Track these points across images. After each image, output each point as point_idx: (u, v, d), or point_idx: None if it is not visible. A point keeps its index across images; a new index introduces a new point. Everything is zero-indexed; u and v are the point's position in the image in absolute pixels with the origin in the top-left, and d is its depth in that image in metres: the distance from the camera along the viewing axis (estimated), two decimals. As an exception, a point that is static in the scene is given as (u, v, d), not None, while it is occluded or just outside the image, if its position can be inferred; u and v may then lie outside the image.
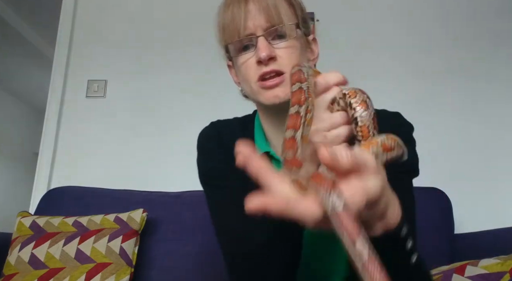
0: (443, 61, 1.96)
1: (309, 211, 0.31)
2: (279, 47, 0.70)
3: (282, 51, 0.70)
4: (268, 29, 0.70)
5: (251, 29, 0.70)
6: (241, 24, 0.70)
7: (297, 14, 0.75)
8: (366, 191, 0.32)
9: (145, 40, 2.12)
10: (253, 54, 0.71)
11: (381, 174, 0.35)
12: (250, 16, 0.70)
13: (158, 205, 1.51)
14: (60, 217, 1.38)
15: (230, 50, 0.74)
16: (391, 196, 0.39)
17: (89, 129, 2.01)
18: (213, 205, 0.77)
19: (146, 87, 2.05)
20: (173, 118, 1.97)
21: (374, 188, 0.33)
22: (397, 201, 0.41)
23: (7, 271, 1.25)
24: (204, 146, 0.82)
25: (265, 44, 0.69)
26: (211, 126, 0.85)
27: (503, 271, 0.90)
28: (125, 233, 1.31)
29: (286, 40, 0.71)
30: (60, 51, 2.12)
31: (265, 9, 0.70)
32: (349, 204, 0.30)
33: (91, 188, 1.62)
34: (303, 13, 0.77)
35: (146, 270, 1.37)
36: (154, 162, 1.91)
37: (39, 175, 1.96)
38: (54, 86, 2.08)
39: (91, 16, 2.18)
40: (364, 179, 0.33)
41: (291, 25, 0.71)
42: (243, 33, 0.71)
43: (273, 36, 0.71)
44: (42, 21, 3.50)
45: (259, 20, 0.70)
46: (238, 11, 0.71)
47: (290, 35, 0.71)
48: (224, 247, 0.73)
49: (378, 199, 0.34)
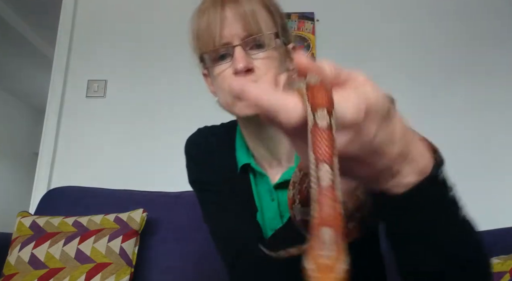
0: (443, 61, 1.97)
1: (293, 108, 0.27)
2: (257, 57, 0.67)
3: (260, 62, 0.66)
4: (246, 38, 0.66)
5: (228, 37, 0.66)
6: (217, 32, 0.66)
7: (276, 22, 0.71)
8: (362, 98, 0.29)
9: (145, 40, 2.12)
10: (229, 64, 0.67)
11: (379, 89, 0.31)
12: (227, 24, 0.66)
13: (158, 205, 1.51)
14: (60, 217, 1.38)
15: (205, 59, 0.70)
16: (411, 133, 0.35)
17: (89, 129, 2.01)
18: (204, 208, 0.78)
19: (146, 87, 2.05)
20: (173, 118, 1.97)
21: (372, 96, 0.29)
22: (424, 142, 0.37)
23: (7, 271, 1.25)
24: (191, 154, 0.82)
25: (242, 55, 0.65)
26: (198, 133, 0.85)
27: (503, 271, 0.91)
28: (125, 233, 1.31)
29: (265, 50, 0.67)
30: (60, 51, 2.12)
31: (243, 16, 0.66)
32: (343, 113, 0.28)
33: (91, 188, 1.62)
34: (283, 21, 0.73)
35: (146, 270, 1.37)
36: (154, 162, 1.91)
37: (39, 175, 1.96)
38: (54, 86, 2.08)
39: (91, 16, 2.18)
40: (358, 89, 0.29)
41: (270, 34, 0.67)
42: (219, 42, 0.66)
43: (251, 46, 0.67)
44: (42, 21, 3.49)
45: (236, 28, 0.66)
46: (213, 18, 0.67)
47: (269, 45, 0.67)
48: (218, 247, 0.74)
49: (384, 112, 0.30)
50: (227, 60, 0.67)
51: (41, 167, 1.97)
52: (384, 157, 0.33)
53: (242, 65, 0.64)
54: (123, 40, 2.12)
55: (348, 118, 0.28)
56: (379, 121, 0.30)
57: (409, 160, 0.35)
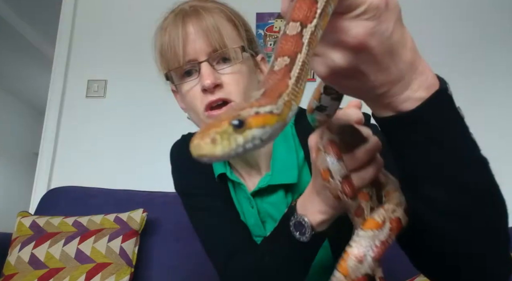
0: (443, 61, 1.96)
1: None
2: (224, 72, 0.65)
3: (228, 77, 0.65)
4: (211, 53, 0.65)
5: (192, 54, 0.65)
6: (180, 49, 0.64)
7: (241, 36, 0.70)
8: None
9: (145, 40, 2.11)
10: (197, 81, 0.65)
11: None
12: (190, 40, 0.65)
13: (158, 205, 1.51)
14: (60, 217, 1.38)
15: (172, 77, 0.69)
16: (417, 50, 0.36)
17: (89, 129, 2.01)
18: (190, 214, 0.80)
19: (146, 87, 2.05)
20: (173, 118, 1.97)
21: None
22: (426, 66, 0.37)
23: (7, 271, 1.25)
24: (175, 161, 0.83)
25: (209, 71, 0.64)
26: (182, 141, 0.86)
27: (503, 271, 0.91)
28: (125, 233, 1.31)
29: (232, 65, 0.66)
30: (60, 51, 2.12)
31: (205, 32, 0.64)
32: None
33: (91, 188, 1.62)
34: (249, 34, 0.72)
35: (146, 270, 1.37)
36: (154, 162, 1.91)
37: (39, 175, 1.97)
38: (54, 86, 2.08)
39: (91, 16, 2.18)
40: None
41: (235, 48, 0.66)
42: (183, 59, 0.65)
43: (217, 60, 0.66)
44: (42, 21, 3.49)
45: (200, 44, 0.65)
46: (176, 35, 0.65)
47: (235, 59, 0.66)
48: (209, 253, 0.75)
49: (398, 13, 0.33)
50: (194, 76, 0.66)
51: (41, 167, 1.97)
52: (399, 61, 0.34)
53: (209, 81, 0.63)
54: (123, 40, 2.12)
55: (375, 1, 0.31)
56: (395, 20, 0.33)
57: (418, 73, 0.36)
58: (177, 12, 0.69)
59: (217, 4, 0.71)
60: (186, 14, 0.67)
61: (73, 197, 1.56)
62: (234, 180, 0.75)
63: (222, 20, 0.67)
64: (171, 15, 0.70)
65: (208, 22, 0.65)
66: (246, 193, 0.74)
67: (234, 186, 0.78)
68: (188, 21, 0.66)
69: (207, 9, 0.67)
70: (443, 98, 0.37)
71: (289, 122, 0.68)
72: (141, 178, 1.83)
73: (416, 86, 0.36)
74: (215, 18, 0.66)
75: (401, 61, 0.34)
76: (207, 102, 0.65)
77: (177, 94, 0.76)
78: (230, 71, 0.66)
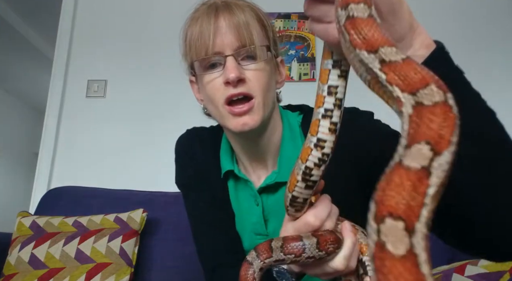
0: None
1: None
2: (248, 68, 0.67)
3: (252, 74, 0.66)
4: (238, 48, 0.66)
5: (220, 47, 0.66)
6: (210, 40, 0.66)
7: (269, 36, 0.72)
8: None
9: (145, 40, 2.12)
10: (220, 73, 0.66)
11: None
12: (220, 33, 0.66)
13: (158, 205, 1.51)
14: (60, 217, 1.38)
15: (196, 67, 0.70)
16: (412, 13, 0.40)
17: (89, 129, 2.01)
18: (188, 210, 0.82)
19: (146, 87, 2.05)
20: (173, 118, 1.97)
21: None
22: (423, 28, 0.41)
23: (7, 271, 1.25)
24: (179, 156, 0.85)
25: (234, 65, 0.65)
26: (186, 135, 0.86)
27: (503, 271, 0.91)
28: (125, 233, 1.31)
29: (256, 62, 0.67)
30: (60, 51, 2.12)
31: (237, 27, 0.66)
32: None
33: (91, 188, 1.62)
34: (274, 35, 0.74)
35: (146, 270, 1.37)
36: (154, 162, 1.91)
37: (39, 175, 1.97)
38: (54, 86, 2.08)
39: (91, 16, 2.18)
40: None
41: (262, 46, 0.68)
42: (211, 50, 0.66)
43: (242, 57, 0.67)
44: (42, 21, 3.50)
45: (229, 38, 0.66)
46: (207, 27, 0.66)
47: (260, 57, 0.67)
48: (199, 257, 0.78)
49: None
50: (218, 69, 0.67)
51: (41, 167, 1.97)
52: (401, 19, 0.38)
53: (234, 75, 0.64)
54: (123, 40, 2.12)
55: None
56: None
57: (417, 33, 0.40)
58: (209, 4, 0.71)
59: (247, 2, 0.73)
60: (219, 7, 0.69)
61: (73, 197, 1.56)
62: (242, 177, 0.76)
63: (252, 19, 0.68)
64: (203, 7, 0.71)
65: (240, 19, 0.67)
66: (252, 190, 0.75)
67: (236, 184, 0.79)
68: (220, 15, 0.67)
69: (239, 6, 0.69)
70: (442, 54, 0.42)
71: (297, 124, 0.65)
72: (141, 178, 1.83)
73: (418, 45, 0.40)
74: (246, 15, 0.68)
75: (403, 19, 0.38)
76: (228, 94, 0.65)
77: (194, 85, 0.77)
78: (254, 68, 0.67)
